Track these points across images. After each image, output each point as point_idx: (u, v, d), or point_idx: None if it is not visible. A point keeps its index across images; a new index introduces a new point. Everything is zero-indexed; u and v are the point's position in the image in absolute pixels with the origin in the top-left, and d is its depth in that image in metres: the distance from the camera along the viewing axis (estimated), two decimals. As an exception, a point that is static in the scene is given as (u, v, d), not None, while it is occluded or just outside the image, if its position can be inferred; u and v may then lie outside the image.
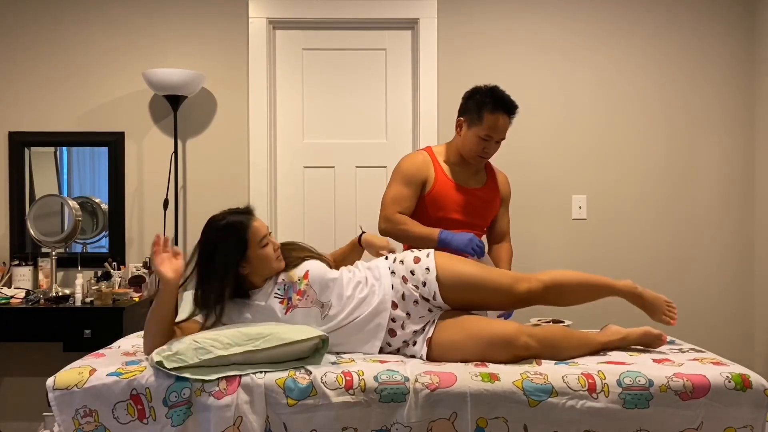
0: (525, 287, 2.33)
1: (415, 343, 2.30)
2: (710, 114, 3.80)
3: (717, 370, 2.06)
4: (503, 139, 2.85)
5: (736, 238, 3.81)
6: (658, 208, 3.80)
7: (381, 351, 2.30)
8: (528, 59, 3.78)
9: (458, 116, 2.89)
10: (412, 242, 2.80)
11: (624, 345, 2.36)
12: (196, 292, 2.24)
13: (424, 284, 2.32)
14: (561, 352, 2.21)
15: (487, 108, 2.78)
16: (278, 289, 2.28)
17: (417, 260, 2.37)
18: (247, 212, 2.33)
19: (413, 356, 2.29)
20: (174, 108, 3.61)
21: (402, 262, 2.39)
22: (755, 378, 2.03)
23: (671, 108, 3.80)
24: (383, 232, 2.82)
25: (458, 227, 2.83)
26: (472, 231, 2.85)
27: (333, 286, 2.31)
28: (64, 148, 3.80)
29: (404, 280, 2.35)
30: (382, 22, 3.81)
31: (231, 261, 2.23)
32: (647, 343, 2.38)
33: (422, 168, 2.87)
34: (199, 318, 2.24)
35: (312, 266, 2.34)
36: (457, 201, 2.87)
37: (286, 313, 2.26)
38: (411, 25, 3.82)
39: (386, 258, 2.46)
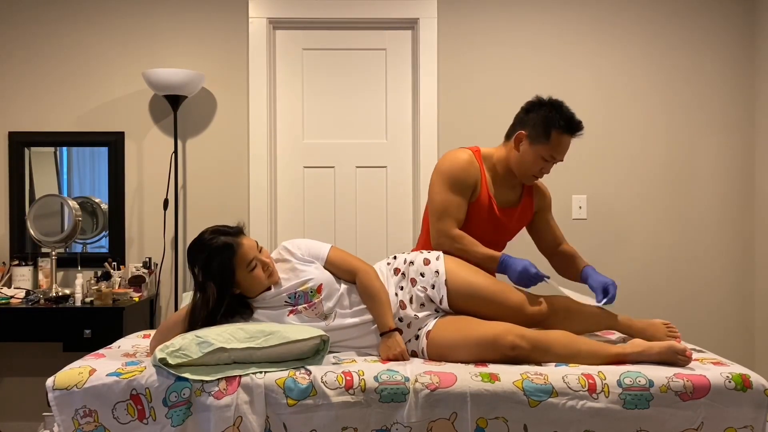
0: (536, 309, 2.33)
1: (417, 338, 2.32)
2: (710, 114, 3.80)
3: (717, 371, 2.06)
4: (562, 161, 2.60)
5: (736, 238, 3.80)
6: (658, 208, 3.80)
7: None
8: (528, 59, 3.77)
9: (517, 128, 2.58)
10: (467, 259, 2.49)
11: (643, 359, 2.16)
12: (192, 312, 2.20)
13: (433, 287, 2.32)
14: (554, 358, 2.17)
15: (556, 127, 2.49)
16: (289, 297, 2.28)
17: (427, 262, 2.37)
18: (235, 233, 2.24)
19: (414, 350, 2.31)
20: (174, 108, 3.61)
21: (412, 263, 2.39)
22: (755, 378, 2.03)
23: (671, 108, 3.79)
24: (438, 247, 2.51)
25: (481, 242, 2.55)
26: (495, 248, 2.59)
27: (340, 299, 2.31)
28: (64, 148, 3.80)
29: (413, 282, 2.35)
30: (382, 22, 3.81)
31: (218, 291, 2.18)
32: (671, 360, 2.13)
33: (472, 173, 2.56)
34: None
35: (325, 279, 2.31)
36: (489, 221, 2.62)
37: (288, 315, 2.27)
38: (411, 25, 3.81)
39: (395, 258, 2.46)
